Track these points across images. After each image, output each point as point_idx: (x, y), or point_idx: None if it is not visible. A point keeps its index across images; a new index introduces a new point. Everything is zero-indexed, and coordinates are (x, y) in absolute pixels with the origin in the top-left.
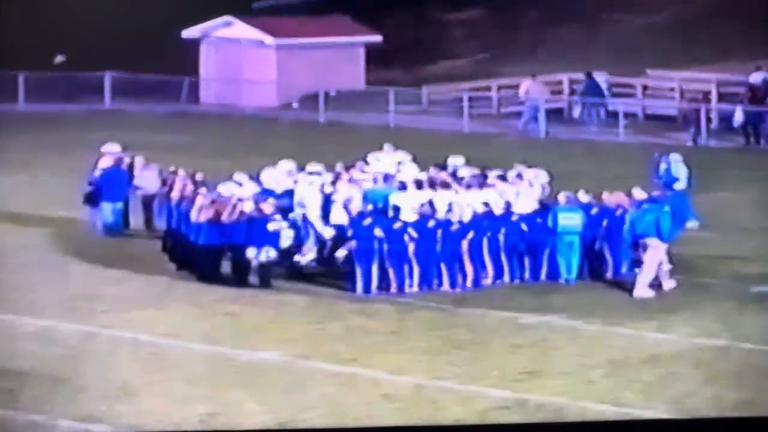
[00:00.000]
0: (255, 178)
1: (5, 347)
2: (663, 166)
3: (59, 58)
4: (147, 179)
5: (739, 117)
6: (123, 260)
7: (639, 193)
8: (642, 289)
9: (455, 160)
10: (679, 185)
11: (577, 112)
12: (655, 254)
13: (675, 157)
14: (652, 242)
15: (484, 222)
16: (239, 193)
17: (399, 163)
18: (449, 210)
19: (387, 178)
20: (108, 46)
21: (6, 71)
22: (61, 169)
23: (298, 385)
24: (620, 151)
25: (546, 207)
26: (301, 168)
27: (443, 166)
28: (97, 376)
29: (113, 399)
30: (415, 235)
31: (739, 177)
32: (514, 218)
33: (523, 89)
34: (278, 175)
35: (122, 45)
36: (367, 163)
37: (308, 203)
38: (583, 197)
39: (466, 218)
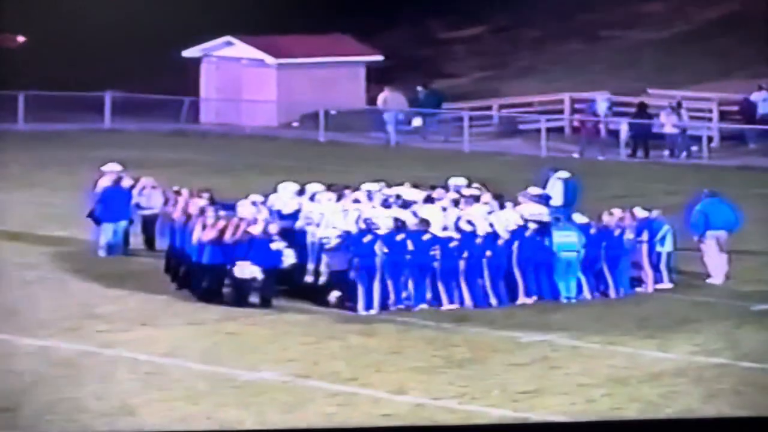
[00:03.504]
0: (263, 201)
1: (4, 366)
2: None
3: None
4: (154, 200)
5: (624, 131)
6: (122, 279)
7: (640, 212)
8: (720, 277)
9: (456, 182)
10: (554, 202)
11: (418, 121)
12: (723, 245)
13: (560, 174)
14: (720, 234)
15: (481, 242)
16: (253, 214)
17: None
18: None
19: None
20: (108, 65)
21: (6, 90)
22: (61, 188)
23: (298, 404)
24: (619, 169)
25: (544, 226)
26: (302, 189)
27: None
28: (96, 395)
29: (113, 418)
30: (411, 248)
31: (739, 194)
32: (527, 233)
33: (380, 99)
34: (285, 197)
35: (122, 64)
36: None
37: (325, 220)
38: (580, 219)
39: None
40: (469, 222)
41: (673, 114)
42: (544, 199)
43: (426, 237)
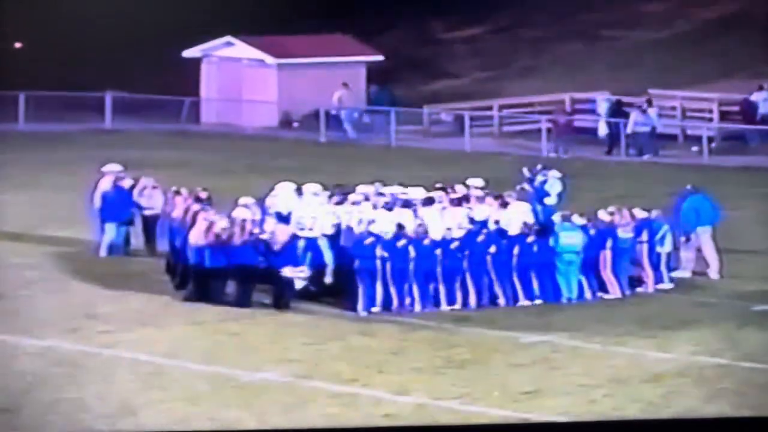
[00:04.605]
0: (260, 202)
1: (5, 367)
2: (539, 179)
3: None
4: (155, 200)
5: (602, 129)
6: (123, 279)
7: (639, 213)
8: (715, 273)
9: (474, 182)
10: (549, 200)
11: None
12: (709, 239)
13: (554, 174)
14: (707, 229)
15: (484, 238)
16: (249, 216)
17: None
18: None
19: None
20: (109, 65)
21: (6, 91)
22: (61, 189)
23: (299, 405)
24: (618, 169)
25: (549, 227)
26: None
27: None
28: (97, 396)
29: (113, 418)
30: (414, 254)
31: (741, 194)
32: (530, 239)
33: (336, 97)
34: (283, 198)
35: (123, 64)
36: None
37: (318, 223)
38: (579, 220)
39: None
40: (472, 220)
41: (639, 112)
42: (538, 197)
43: (426, 242)
